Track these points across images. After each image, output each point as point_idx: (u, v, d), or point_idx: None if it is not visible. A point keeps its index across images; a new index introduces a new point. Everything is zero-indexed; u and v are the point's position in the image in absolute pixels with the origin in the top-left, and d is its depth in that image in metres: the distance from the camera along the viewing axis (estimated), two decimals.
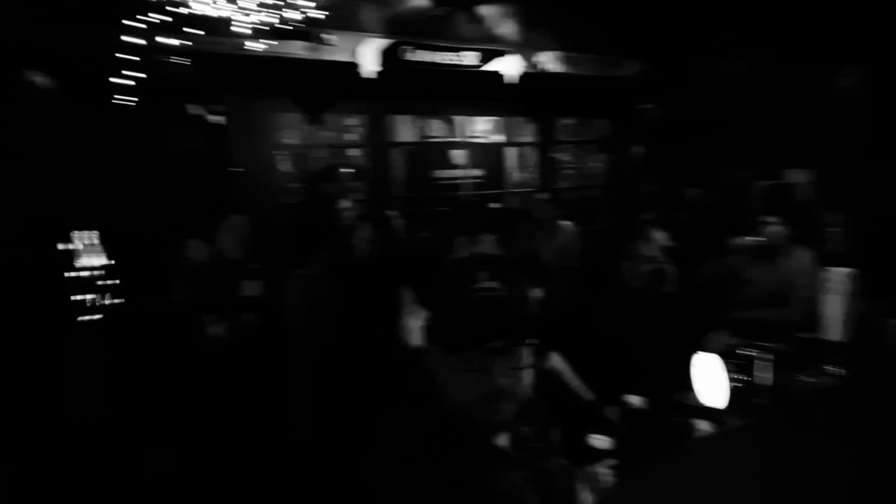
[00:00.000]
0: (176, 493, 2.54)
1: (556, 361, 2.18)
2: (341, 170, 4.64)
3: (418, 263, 2.48)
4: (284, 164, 5.29)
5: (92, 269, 3.21)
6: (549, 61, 5.88)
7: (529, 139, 6.59)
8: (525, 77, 5.71)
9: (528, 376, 0.91)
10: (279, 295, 2.92)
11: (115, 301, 3.24)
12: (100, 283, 3.23)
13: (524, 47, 5.72)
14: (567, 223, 4.18)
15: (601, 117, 6.88)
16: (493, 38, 5.59)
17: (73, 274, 3.20)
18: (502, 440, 0.94)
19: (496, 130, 6.44)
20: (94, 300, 3.18)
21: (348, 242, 2.95)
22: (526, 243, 2.52)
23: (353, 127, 5.71)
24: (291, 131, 5.36)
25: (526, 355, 0.90)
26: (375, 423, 0.94)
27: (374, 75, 5.00)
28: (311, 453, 2.57)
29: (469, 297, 0.89)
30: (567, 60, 5.97)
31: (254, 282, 3.02)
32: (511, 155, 6.50)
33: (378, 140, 5.73)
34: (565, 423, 1.10)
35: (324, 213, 3.35)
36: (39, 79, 3.70)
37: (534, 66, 5.79)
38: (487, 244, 2.18)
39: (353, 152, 5.68)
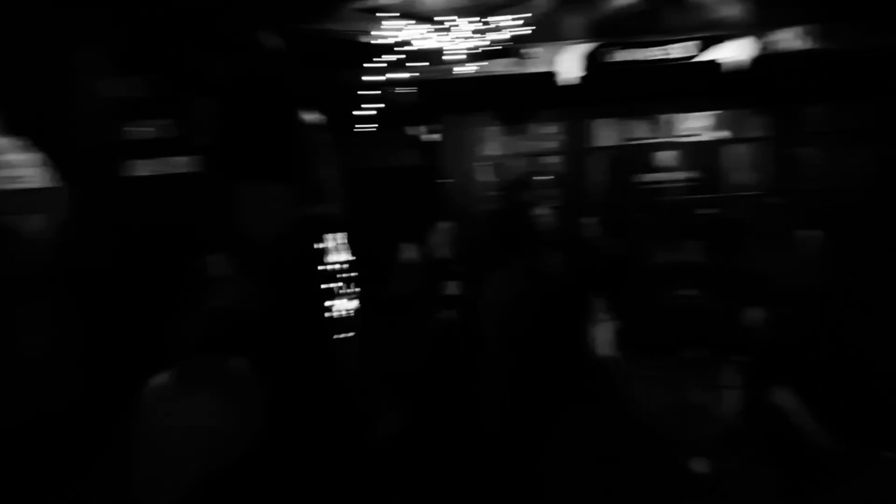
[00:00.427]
0: (398, 452, 3.02)
1: (786, 398, 1.87)
2: (538, 177, 4.77)
3: (612, 270, 2.41)
4: (487, 174, 5.69)
5: (338, 263, 4.04)
6: (790, 38, 4.94)
7: (757, 134, 5.63)
8: (757, 61, 4.91)
9: (732, 399, 0.85)
10: (477, 294, 3.19)
11: (354, 291, 4.00)
12: (343, 275, 4.03)
13: (754, 27, 4.94)
14: (811, 233, 3.47)
15: (868, 100, 5.43)
16: (712, 24, 4.97)
17: (324, 267, 4.06)
18: (699, 465, 0.89)
19: (712, 127, 5.70)
20: (338, 289, 3.98)
21: (543, 249, 3.04)
22: (740, 253, 2.21)
23: (552, 135, 5.80)
24: (494, 143, 5.74)
25: (731, 374, 0.84)
26: (559, 422, 0.99)
27: (574, 81, 4.99)
28: (499, 441, 2.75)
29: (663, 303, 0.87)
30: (819, 34, 4.90)
31: (456, 281, 3.38)
32: (730, 153, 5.67)
33: (576, 146, 5.69)
34: (792, 472, 0.97)
35: (519, 220, 3.53)
36: (310, 115, 4.82)
37: (767, 46, 4.93)
38: (691, 252, 1.99)
39: (553, 159, 5.76)
